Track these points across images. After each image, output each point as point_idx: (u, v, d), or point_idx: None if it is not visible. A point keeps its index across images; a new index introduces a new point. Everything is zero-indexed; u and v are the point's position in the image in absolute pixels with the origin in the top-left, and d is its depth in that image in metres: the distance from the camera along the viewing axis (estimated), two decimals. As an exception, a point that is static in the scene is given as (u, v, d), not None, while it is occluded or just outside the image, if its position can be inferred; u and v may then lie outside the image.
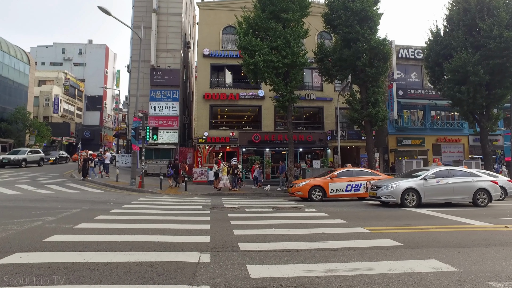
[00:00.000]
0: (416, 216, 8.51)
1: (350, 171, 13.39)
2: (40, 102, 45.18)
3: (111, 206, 9.45)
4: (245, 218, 7.93)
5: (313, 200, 12.54)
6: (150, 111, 24.83)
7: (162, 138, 24.51)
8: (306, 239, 5.56)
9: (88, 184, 17.38)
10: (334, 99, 25.76)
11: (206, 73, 24.75)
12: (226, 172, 16.17)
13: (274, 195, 15.88)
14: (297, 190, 12.84)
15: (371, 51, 16.41)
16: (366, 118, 17.29)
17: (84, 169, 18.49)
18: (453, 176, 10.80)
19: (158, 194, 14.73)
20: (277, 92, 16.57)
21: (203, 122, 24.18)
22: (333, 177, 12.95)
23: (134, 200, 11.37)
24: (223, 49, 25.00)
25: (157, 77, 25.41)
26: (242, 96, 24.46)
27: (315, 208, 10.09)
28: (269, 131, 24.39)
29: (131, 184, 16.44)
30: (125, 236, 5.51)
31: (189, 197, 13.81)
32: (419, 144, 26.45)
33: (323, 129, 25.44)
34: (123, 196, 12.66)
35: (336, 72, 17.66)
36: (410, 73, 27.45)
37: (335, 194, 12.84)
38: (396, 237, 5.73)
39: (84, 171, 18.56)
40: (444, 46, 19.33)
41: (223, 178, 15.98)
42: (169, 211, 8.76)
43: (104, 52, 61.36)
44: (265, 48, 15.63)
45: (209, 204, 10.80)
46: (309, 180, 13.02)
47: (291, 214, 8.77)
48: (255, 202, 12.27)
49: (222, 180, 15.98)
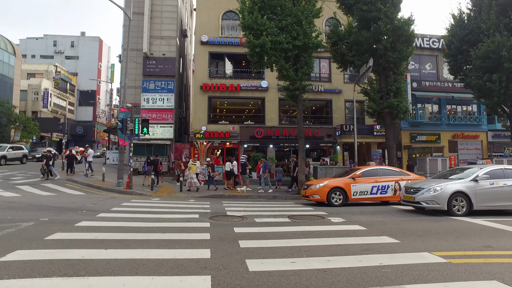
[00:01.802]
0: (484, 231, 6.43)
1: (375, 170, 11.31)
2: (28, 96, 42.73)
3: (81, 216, 7.31)
4: (258, 235, 5.84)
5: (333, 204, 10.46)
6: (143, 103, 22.62)
7: (156, 133, 22.34)
8: (365, 278, 3.47)
9: (69, 184, 15.22)
10: (343, 91, 23.71)
11: (204, 62, 22.55)
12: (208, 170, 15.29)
13: (282, 197, 13.80)
14: (313, 193, 10.74)
15: (394, 33, 14.27)
16: (386, 109, 15.19)
17: (46, 167, 16.22)
18: (509, 178, 8.74)
19: (147, 196, 12.59)
20: (285, 79, 14.43)
21: (201, 116, 22.01)
22: (356, 177, 10.87)
23: (115, 205, 9.24)
24: (223, 36, 22.80)
25: (150, 66, 23.17)
26: (244, 87, 22.30)
27: (342, 217, 8.01)
28: (273, 125, 22.27)
29: (118, 184, 14.29)
30: (71, 280, 3.39)
31: (184, 200, 11.69)
32: (435, 140, 24.46)
33: (331, 124, 23.34)
34: (104, 200, 10.51)
35: (352, 57, 15.53)
36: (424, 64, 25.42)
37: (358, 197, 10.77)
38: (502, 275, 3.66)
39: (44, 170, 16.26)
40: (469, 31, 17.30)
41: (190, 177, 14.66)
42: (155, 224, 6.65)
43: (97, 45, 58.81)
44: (273, 27, 13.47)
45: (208, 211, 8.70)
46: (328, 180, 10.92)
47: (317, 228, 6.68)
48: (263, 207, 10.18)
49: (189, 179, 14.68)
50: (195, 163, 15.17)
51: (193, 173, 14.75)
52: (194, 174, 14.75)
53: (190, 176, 14.74)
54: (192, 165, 14.98)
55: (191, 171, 14.83)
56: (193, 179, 14.63)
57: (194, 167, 14.95)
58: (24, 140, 34.50)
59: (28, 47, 54.91)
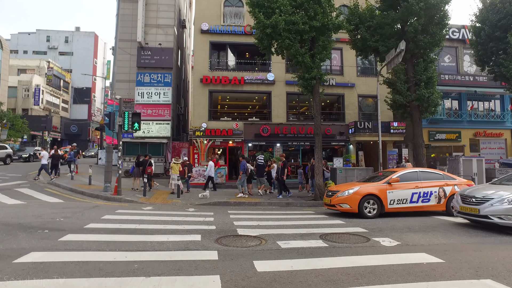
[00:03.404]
0: None
1: (414, 173, 9.29)
2: (18, 93, 40.56)
3: (37, 240, 5.26)
4: (293, 278, 3.81)
5: (366, 216, 8.45)
6: (137, 98, 20.54)
7: (151, 130, 20.28)
8: None
9: (50, 188, 13.18)
10: (356, 85, 21.71)
11: (205, 53, 20.49)
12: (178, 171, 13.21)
13: (297, 204, 11.77)
14: (340, 202, 8.72)
15: (427, 12, 12.25)
16: (414, 102, 13.18)
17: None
18: None
19: (138, 204, 10.55)
20: (300, 67, 12.41)
21: (201, 111, 19.96)
22: (392, 181, 8.86)
23: (94, 219, 7.20)
24: (225, 24, 20.75)
25: (145, 57, 21.09)
26: (248, 80, 20.26)
27: (390, 237, 6.01)
28: (280, 122, 20.23)
29: (105, 189, 12.25)
30: None
31: (181, 209, 9.65)
32: (455, 139, 22.53)
33: (343, 121, 21.33)
34: (82, 210, 8.46)
35: (375, 42, 13.50)
36: (443, 56, 23.42)
37: (395, 207, 8.76)
38: None
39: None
40: (504, 14, 15.37)
41: (172, 178, 13.08)
42: (139, 256, 4.62)
43: (92, 40, 56.57)
44: (286, 5, 11.45)
45: (212, 228, 6.68)
46: (359, 186, 8.89)
47: (373, 261, 4.63)
48: (280, 220, 8.15)
49: (171, 180, 13.23)
50: (177, 162, 13.26)
51: (175, 174, 12.88)
52: (177, 175, 12.84)
53: (171, 177, 13.04)
54: (174, 165, 13.10)
55: (173, 171, 12.99)
56: (174, 180, 12.77)
57: (177, 167, 13.07)
58: (12, 139, 32.41)
59: (19, 42, 52.67)
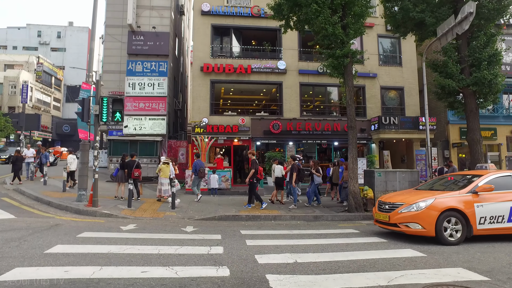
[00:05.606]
0: None
1: (508, 177, 6.55)
2: (4, 89, 37.73)
3: None
4: None
5: (447, 242, 5.71)
6: (127, 89, 17.77)
7: (144, 126, 17.51)
8: None
9: (9, 197, 10.39)
10: (378, 75, 19.05)
11: (206, 38, 17.76)
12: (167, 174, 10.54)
13: (328, 218, 9.01)
14: (407, 220, 5.96)
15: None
16: (471, 87, 10.45)
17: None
18: None
19: (118, 220, 7.75)
20: (329, 41, 9.68)
21: (202, 104, 17.20)
22: (480, 190, 6.12)
23: (30, 256, 4.42)
24: (229, 5, 18.05)
25: (137, 43, 18.34)
26: (256, 69, 17.53)
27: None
28: (293, 117, 17.50)
29: (79, 198, 9.47)
30: None
31: (175, 228, 6.86)
32: (490, 136, 19.83)
33: (364, 116, 18.62)
34: (26, 236, 5.66)
35: (420, 13, 10.78)
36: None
37: (488, 227, 5.99)
38: None
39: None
40: None
41: (160, 183, 10.58)
42: None
43: (86, 36, 53.71)
44: (313, -42, 8.76)
45: (224, 275, 3.92)
46: (433, 197, 6.12)
47: None
48: (327, 251, 5.38)
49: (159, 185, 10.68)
50: (167, 163, 10.54)
51: (165, 178, 10.34)
52: (167, 179, 10.33)
53: (160, 182, 10.49)
54: (163, 166, 10.41)
55: (162, 174, 10.38)
56: (164, 185, 10.35)
57: (167, 170, 10.37)
58: (-6, 139, 29.63)
59: (8, 38, 49.85)
